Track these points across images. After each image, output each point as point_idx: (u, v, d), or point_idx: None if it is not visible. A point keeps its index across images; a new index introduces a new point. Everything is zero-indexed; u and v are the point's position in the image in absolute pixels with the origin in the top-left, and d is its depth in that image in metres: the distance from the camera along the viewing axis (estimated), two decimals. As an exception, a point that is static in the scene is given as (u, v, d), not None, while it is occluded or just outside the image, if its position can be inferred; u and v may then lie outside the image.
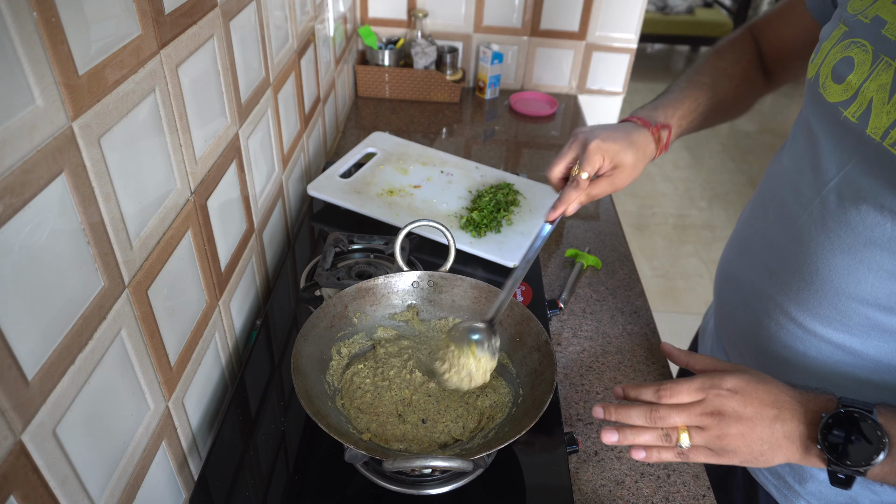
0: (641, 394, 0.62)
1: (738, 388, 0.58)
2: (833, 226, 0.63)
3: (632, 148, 0.75)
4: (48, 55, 0.45)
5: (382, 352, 0.80)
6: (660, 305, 2.69)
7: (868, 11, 0.61)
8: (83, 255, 0.51)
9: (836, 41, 0.64)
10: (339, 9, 1.46)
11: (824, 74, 0.64)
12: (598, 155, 0.74)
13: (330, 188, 1.17)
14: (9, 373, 0.43)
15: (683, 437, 0.58)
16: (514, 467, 0.74)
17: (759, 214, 0.76)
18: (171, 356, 0.68)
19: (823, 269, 0.65)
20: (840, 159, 0.62)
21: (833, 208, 0.63)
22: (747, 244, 0.78)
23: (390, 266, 0.98)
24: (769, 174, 0.78)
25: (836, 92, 0.63)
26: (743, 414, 0.57)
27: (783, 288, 0.70)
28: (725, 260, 0.85)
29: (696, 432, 0.58)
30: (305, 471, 0.73)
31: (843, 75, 0.62)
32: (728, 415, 0.57)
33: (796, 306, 0.69)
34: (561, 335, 1.00)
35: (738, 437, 0.57)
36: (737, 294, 0.80)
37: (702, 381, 0.59)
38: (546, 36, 1.78)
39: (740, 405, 0.57)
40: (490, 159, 1.49)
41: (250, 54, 0.88)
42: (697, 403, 0.58)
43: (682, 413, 0.58)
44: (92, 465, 0.54)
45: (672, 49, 5.80)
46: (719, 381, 0.58)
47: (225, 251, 0.84)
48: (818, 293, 0.66)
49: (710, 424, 0.57)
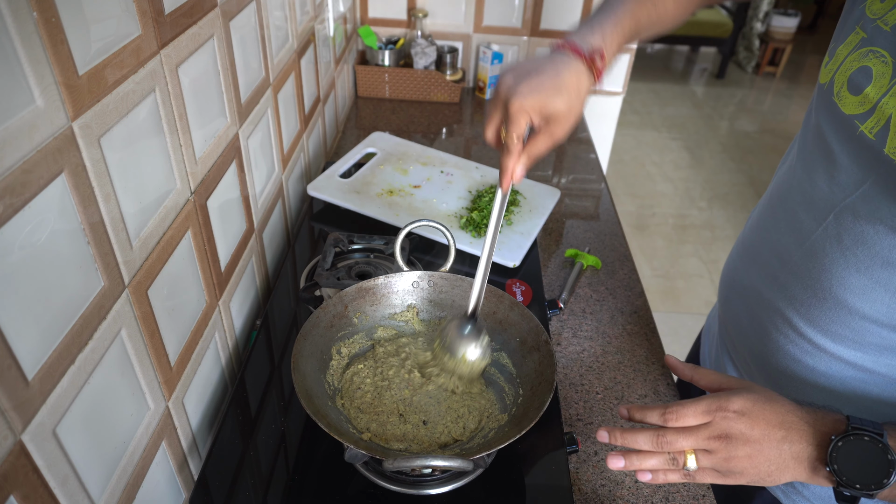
0: (647, 416, 0.60)
1: (744, 409, 0.57)
2: (849, 244, 0.61)
3: (561, 93, 0.63)
4: (48, 55, 0.45)
5: (382, 351, 0.80)
6: (660, 305, 2.69)
7: (888, 18, 0.57)
8: (83, 255, 0.51)
9: (853, 48, 0.61)
10: (339, 9, 1.46)
11: (839, 83, 0.61)
12: (522, 115, 0.63)
13: (330, 188, 1.17)
14: (9, 373, 0.43)
15: (690, 459, 0.57)
16: (514, 467, 0.74)
17: (770, 224, 0.74)
18: (171, 356, 0.68)
19: (837, 287, 0.63)
20: (857, 176, 0.60)
21: (849, 226, 0.61)
22: (756, 253, 0.76)
23: (390, 266, 0.98)
24: (780, 181, 0.75)
25: (852, 104, 0.60)
26: (750, 436, 0.56)
27: (793, 302, 0.68)
28: (732, 266, 0.83)
29: (704, 455, 0.57)
30: (305, 471, 0.73)
31: (861, 87, 0.58)
32: (735, 437, 0.56)
33: (806, 322, 0.67)
34: (561, 335, 1.00)
35: (746, 458, 0.56)
36: (742, 303, 0.79)
37: (708, 403, 0.58)
38: (546, 36, 1.78)
39: (747, 427, 0.56)
40: (490, 159, 1.49)
41: (250, 54, 0.88)
42: (704, 426, 0.57)
43: (688, 437, 0.57)
44: (92, 464, 0.54)
45: (672, 49, 5.81)
46: (726, 402, 0.57)
47: (225, 251, 0.84)
48: (831, 311, 0.64)
49: (718, 447, 0.56)
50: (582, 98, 0.67)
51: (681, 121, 4.43)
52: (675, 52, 5.77)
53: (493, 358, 0.81)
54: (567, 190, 1.38)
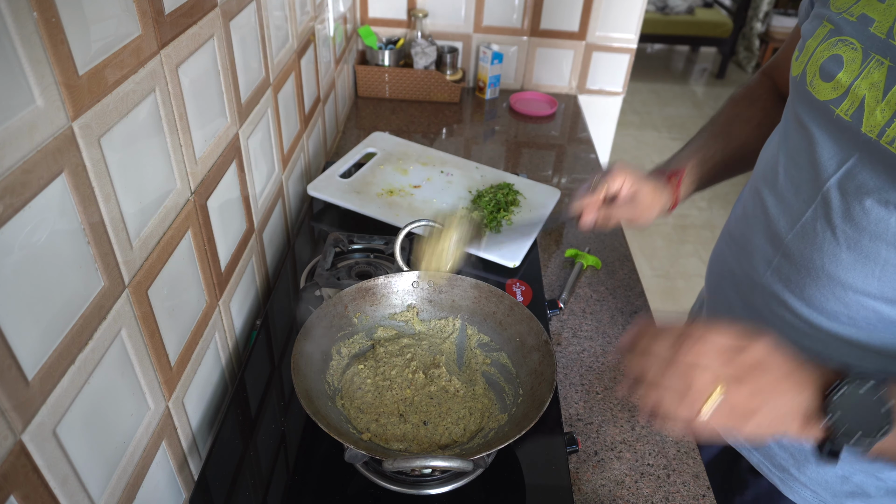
0: (654, 344, 0.54)
1: (768, 349, 0.53)
2: (838, 222, 0.63)
3: (651, 182, 0.83)
4: (48, 55, 0.45)
5: (382, 351, 0.80)
6: (660, 305, 2.69)
7: (853, 10, 0.61)
8: (83, 255, 0.51)
9: (821, 39, 0.64)
10: (339, 9, 1.46)
11: (811, 72, 0.65)
12: (620, 174, 0.81)
13: (330, 188, 1.17)
14: (9, 373, 0.43)
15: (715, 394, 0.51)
16: (514, 467, 0.74)
17: (759, 211, 0.76)
18: (171, 356, 0.68)
19: (830, 264, 0.64)
20: (839, 155, 0.62)
21: (837, 204, 0.63)
22: (745, 241, 0.78)
23: (390, 266, 0.98)
24: (762, 169, 0.77)
25: (825, 90, 0.63)
26: (778, 372, 0.52)
27: (787, 284, 0.70)
28: (720, 257, 0.85)
29: (735, 385, 0.52)
30: (305, 471, 0.73)
31: (833, 73, 0.62)
32: (766, 368, 0.52)
33: (801, 302, 0.68)
34: (561, 335, 1.00)
35: (770, 392, 0.52)
36: (735, 290, 0.80)
37: (730, 337, 0.53)
38: (546, 36, 1.78)
39: (776, 364, 0.53)
40: (490, 159, 1.49)
41: (250, 54, 0.88)
42: (738, 348, 0.53)
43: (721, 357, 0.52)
44: (92, 464, 0.54)
45: (672, 49, 5.80)
46: (749, 341, 0.53)
47: (225, 251, 0.84)
48: (825, 288, 0.66)
49: (748, 377, 0.52)
50: (661, 201, 0.85)
51: (681, 121, 4.43)
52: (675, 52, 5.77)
53: (493, 357, 0.82)
54: (567, 190, 1.38)
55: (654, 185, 0.83)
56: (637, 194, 0.82)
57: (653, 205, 0.84)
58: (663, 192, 0.85)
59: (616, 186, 0.82)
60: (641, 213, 0.84)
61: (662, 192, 0.85)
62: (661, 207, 0.86)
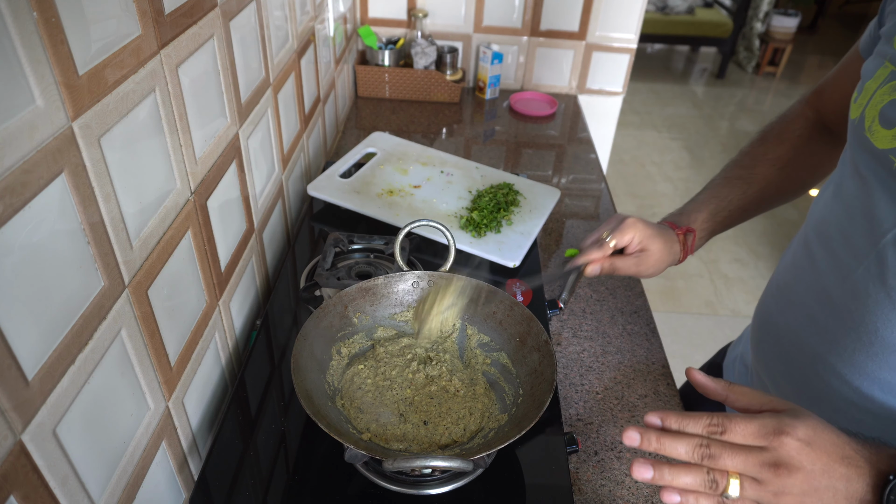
0: (688, 425, 0.50)
1: (809, 438, 0.48)
2: (893, 283, 0.58)
3: (661, 239, 0.82)
4: (48, 55, 0.45)
5: (382, 351, 0.80)
6: (660, 305, 2.69)
7: None
8: (83, 255, 0.51)
9: (882, 81, 0.59)
10: (339, 9, 1.46)
11: (870, 117, 0.60)
12: (631, 229, 0.81)
13: (330, 188, 1.17)
14: (9, 373, 0.43)
15: (733, 485, 0.48)
16: (514, 467, 0.74)
17: (806, 263, 0.70)
18: (171, 356, 0.68)
19: (883, 329, 0.59)
20: None
21: (891, 263, 0.58)
22: (792, 293, 0.72)
23: (390, 266, 0.98)
24: (815, 218, 0.72)
25: (884, 138, 0.58)
26: (811, 471, 0.47)
27: (835, 346, 0.64)
28: (765, 308, 0.79)
29: (750, 484, 0.48)
30: (305, 471, 0.73)
31: (893, 120, 0.57)
32: (794, 470, 0.47)
33: (850, 367, 0.63)
34: (561, 335, 1.00)
35: (799, 497, 0.48)
36: (777, 347, 0.75)
37: (766, 423, 0.49)
38: (546, 36, 1.78)
39: (809, 460, 0.47)
40: (490, 159, 1.49)
41: (250, 54, 0.88)
42: (759, 450, 0.48)
43: (739, 456, 0.48)
44: (92, 464, 0.54)
45: (672, 49, 5.81)
46: (790, 427, 0.48)
47: (225, 251, 0.84)
48: (877, 356, 0.60)
49: (770, 479, 0.47)
50: (671, 257, 0.84)
51: (681, 121, 4.43)
52: (676, 52, 5.77)
53: (493, 357, 0.82)
54: (567, 190, 1.38)
55: (663, 242, 0.82)
56: (644, 251, 0.82)
57: (661, 261, 0.83)
58: (673, 248, 0.84)
59: (625, 242, 0.81)
60: (648, 269, 0.84)
61: (672, 249, 0.84)
62: (669, 263, 0.85)
